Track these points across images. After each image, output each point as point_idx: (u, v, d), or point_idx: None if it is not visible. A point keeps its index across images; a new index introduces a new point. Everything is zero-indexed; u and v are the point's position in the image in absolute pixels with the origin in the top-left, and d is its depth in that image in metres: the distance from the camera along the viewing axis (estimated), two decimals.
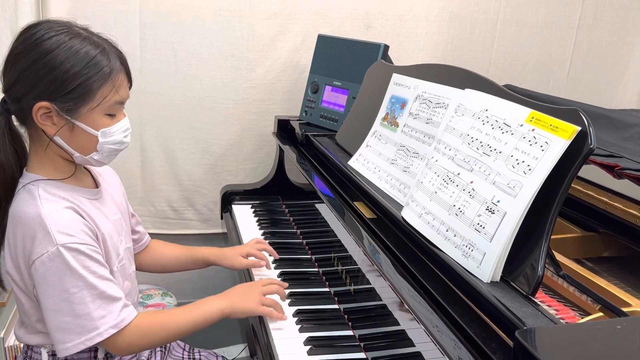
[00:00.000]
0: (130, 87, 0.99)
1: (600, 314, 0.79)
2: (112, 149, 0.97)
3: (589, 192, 1.10)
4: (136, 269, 1.17)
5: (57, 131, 0.91)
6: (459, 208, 0.86)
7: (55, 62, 0.88)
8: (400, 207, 1.03)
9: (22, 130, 0.97)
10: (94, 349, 1.00)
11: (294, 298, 1.20)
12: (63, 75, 0.88)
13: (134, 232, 1.21)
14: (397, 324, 0.93)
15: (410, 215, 0.97)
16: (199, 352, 1.25)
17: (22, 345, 1.04)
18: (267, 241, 1.47)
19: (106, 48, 0.93)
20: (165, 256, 1.29)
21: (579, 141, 0.75)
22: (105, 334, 0.92)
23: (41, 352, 1.00)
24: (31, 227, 0.89)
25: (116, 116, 0.96)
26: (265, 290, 1.11)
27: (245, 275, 1.32)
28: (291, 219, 1.61)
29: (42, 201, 0.91)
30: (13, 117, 0.95)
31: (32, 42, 0.89)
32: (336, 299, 1.21)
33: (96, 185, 1.05)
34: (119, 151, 0.99)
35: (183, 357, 1.21)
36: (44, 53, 0.88)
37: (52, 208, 0.91)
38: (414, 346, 0.87)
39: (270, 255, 1.34)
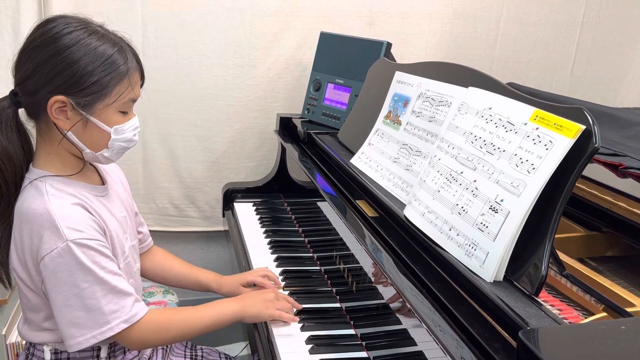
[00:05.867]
0: (141, 86, 1.00)
1: (604, 314, 0.79)
2: (122, 146, 0.98)
3: (592, 191, 1.10)
4: None
5: (72, 126, 0.92)
6: (462, 207, 0.85)
7: (74, 57, 0.88)
8: (402, 205, 1.03)
9: (28, 126, 0.97)
10: (96, 348, 1.00)
11: (296, 297, 1.19)
12: (81, 71, 0.89)
13: (137, 232, 1.20)
14: (399, 323, 0.93)
15: (412, 214, 0.96)
16: (201, 349, 1.25)
17: (24, 342, 1.04)
18: (268, 239, 1.47)
19: (123, 46, 0.94)
20: (168, 269, 1.27)
21: (584, 140, 0.74)
22: (116, 328, 0.92)
23: (44, 350, 0.99)
24: (39, 224, 0.89)
25: (128, 114, 0.97)
26: (278, 305, 1.10)
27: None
28: (293, 217, 1.61)
29: (50, 197, 0.91)
30: (20, 111, 0.95)
31: (50, 36, 0.89)
32: (338, 297, 1.21)
33: (102, 182, 1.05)
34: (127, 149, 1.00)
35: (185, 354, 1.21)
36: (63, 48, 0.88)
37: (60, 204, 0.91)
38: (416, 345, 0.87)
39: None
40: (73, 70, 0.88)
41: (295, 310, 1.14)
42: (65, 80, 0.88)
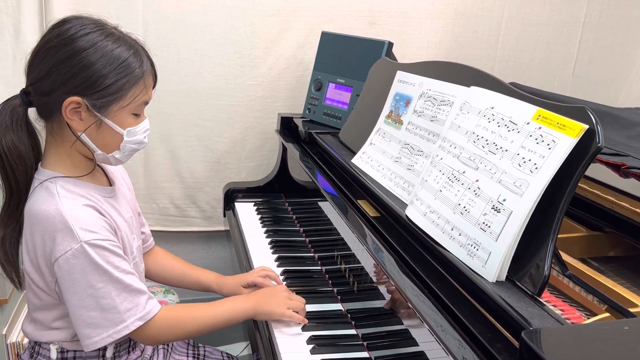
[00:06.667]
0: (153, 88, 1.00)
1: (607, 314, 0.79)
2: (133, 148, 0.98)
3: (595, 191, 1.09)
4: None
5: (87, 128, 0.92)
6: (464, 207, 0.85)
7: (90, 59, 0.88)
8: (404, 205, 1.02)
9: (38, 126, 0.97)
10: (102, 348, 1.00)
11: None
12: (97, 73, 0.89)
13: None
14: (401, 323, 0.93)
15: (414, 214, 0.96)
16: (204, 347, 1.25)
17: (26, 341, 1.04)
18: (269, 239, 1.47)
19: (138, 49, 0.94)
20: (169, 269, 1.27)
21: (587, 139, 0.74)
22: (132, 326, 0.93)
23: (50, 349, 1.00)
24: (51, 225, 0.89)
25: (140, 116, 0.98)
26: (290, 304, 1.09)
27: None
28: (294, 217, 1.61)
29: (62, 199, 0.91)
30: (30, 110, 0.95)
31: (66, 37, 0.89)
32: (339, 297, 1.21)
33: (110, 183, 1.06)
34: (137, 151, 1.00)
35: (187, 353, 1.21)
36: (80, 50, 0.88)
37: (72, 205, 0.91)
38: (418, 345, 0.86)
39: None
40: (89, 72, 0.88)
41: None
42: (82, 82, 0.89)
